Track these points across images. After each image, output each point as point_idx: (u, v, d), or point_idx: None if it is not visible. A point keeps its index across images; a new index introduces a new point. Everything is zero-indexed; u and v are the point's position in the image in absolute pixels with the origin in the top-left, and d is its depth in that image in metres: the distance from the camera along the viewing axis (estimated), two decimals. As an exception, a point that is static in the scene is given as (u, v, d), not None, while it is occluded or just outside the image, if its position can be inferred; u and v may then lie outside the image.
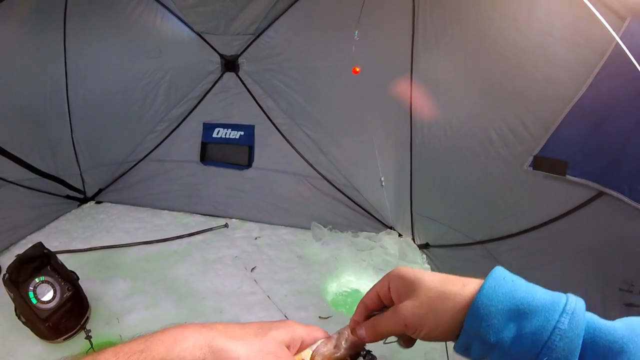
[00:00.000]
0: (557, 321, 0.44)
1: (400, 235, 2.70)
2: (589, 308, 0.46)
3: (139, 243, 2.47)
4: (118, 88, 2.72)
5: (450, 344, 0.53)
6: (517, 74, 1.68)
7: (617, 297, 1.33)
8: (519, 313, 0.46)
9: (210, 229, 2.68)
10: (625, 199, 1.26)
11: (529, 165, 1.61)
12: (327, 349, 0.57)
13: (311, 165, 2.78)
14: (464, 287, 0.50)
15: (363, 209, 2.74)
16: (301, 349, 0.56)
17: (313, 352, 0.56)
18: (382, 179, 2.47)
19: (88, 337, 1.83)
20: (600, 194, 1.39)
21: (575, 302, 0.45)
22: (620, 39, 1.19)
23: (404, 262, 2.44)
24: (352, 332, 0.59)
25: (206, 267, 2.37)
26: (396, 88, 2.33)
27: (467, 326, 0.48)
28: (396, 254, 2.53)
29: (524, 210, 1.80)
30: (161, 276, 2.26)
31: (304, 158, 2.79)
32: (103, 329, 1.91)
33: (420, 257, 2.52)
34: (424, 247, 2.54)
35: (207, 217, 2.82)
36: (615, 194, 1.30)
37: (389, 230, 2.71)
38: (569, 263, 1.58)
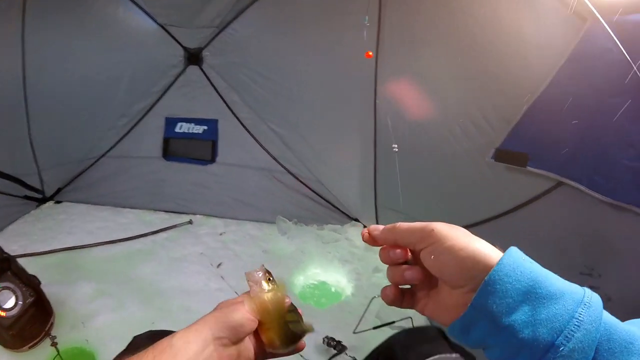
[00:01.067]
0: (576, 311, 0.42)
1: (365, 226, 2.65)
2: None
3: (102, 243, 2.44)
4: (78, 82, 2.63)
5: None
6: (482, 71, 1.75)
7: (578, 280, 1.40)
8: (536, 296, 0.43)
9: (175, 226, 2.66)
10: (584, 189, 1.33)
11: (491, 157, 1.68)
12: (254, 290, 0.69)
13: (276, 160, 2.79)
14: (492, 248, 0.48)
15: (328, 202, 2.78)
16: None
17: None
18: (395, 146, 2.37)
19: (54, 344, 1.80)
20: (559, 184, 1.47)
21: (592, 296, 0.44)
22: (580, 40, 1.26)
23: (369, 253, 2.49)
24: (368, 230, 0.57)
25: (172, 265, 2.37)
26: (361, 84, 2.36)
27: (476, 301, 0.45)
28: (361, 246, 2.58)
29: (486, 200, 1.87)
30: (126, 277, 2.24)
31: (268, 152, 2.80)
32: (69, 334, 1.88)
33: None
34: None
35: (171, 214, 2.80)
36: (574, 184, 1.38)
37: (353, 222, 2.77)
38: (530, 250, 1.62)
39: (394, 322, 1.99)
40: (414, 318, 1.97)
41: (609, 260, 1.33)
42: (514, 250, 0.47)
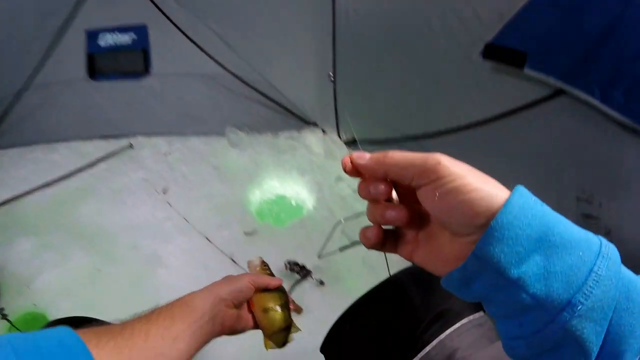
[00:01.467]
0: (594, 264, 0.36)
1: (324, 132, 2.50)
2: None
3: (36, 189, 2.22)
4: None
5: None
6: None
7: (574, 205, 1.25)
8: (550, 245, 0.37)
9: (113, 154, 2.41)
10: (596, 103, 1.12)
11: (479, 54, 1.41)
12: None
13: (219, 63, 2.44)
14: (499, 189, 0.40)
15: (282, 106, 2.49)
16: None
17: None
18: (331, 73, 2.19)
19: (3, 316, 1.68)
20: (559, 92, 1.24)
21: (609, 247, 0.38)
22: None
23: (330, 161, 2.31)
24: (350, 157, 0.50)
25: (113, 199, 2.19)
26: None
27: (480, 250, 0.38)
28: (321, 153, 2.37)
29: (467, 105, 1.63)
30: (66, 222, 2.08)
31: (209, 55, 2.44)
32: (16, 301, 1.77)
33: (347, 154, 2.36)
34: (350, 143, 2.37)
35: (109, 139, 2.52)
36: (582, 95, 1.15)
37: (312, 127, 2.51)
38: (516, 165, 1.47)
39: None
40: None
41: (612, 190, 1.15)
42: (522, 190, 0.40)
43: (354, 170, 0.49)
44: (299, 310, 1.69)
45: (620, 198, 1.13)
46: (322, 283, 1.80)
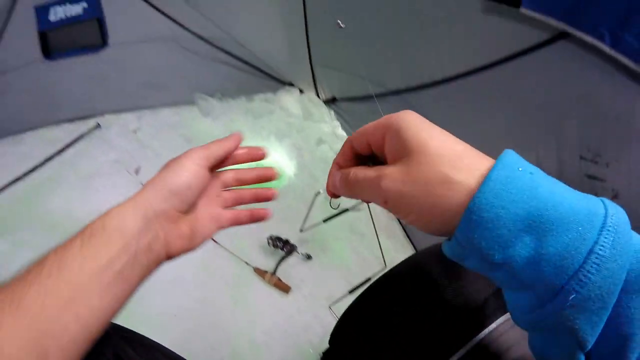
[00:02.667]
0: (596, 242, 0.31)
1: (301, 91, 2.34)
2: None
3: (7, 185, 2.11)
4: None
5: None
6: None
7: (577, 165, 1.10)
8: (542, 221, 0.32)
9: (80, 137, 2.28)
10: (605, 48, 0.94)
11: None
12: None
13: (181, 25, 2.25)
14: (473, 172, 0.36)
15: (253, 66, 2.31)
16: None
17: None
18: (339, 21, 1.99)
19: None
20: (561, 35, 1.05)
21: (616, 215, 0.32)
22: None
23: (309, 123, 2.17)
24: (329, 175, 0.52)
25: (85, 185, 2.08)
26: None
27: (460, 234, 0.35)
28: (300, 114, 2.23)
29: (454, 53, 1.45)
30: (38, 216, 1.99)
31: (169, 17, 2.24)
32: (-2, 308, 1.69)
33: (327, 114, 2.23)
34: (330, 102, 2.22)
35: (75, 122, 2.39)
36: (588, 38, 0.97)
37: (287, 87, 2.34)
38: (513, 117, 1.30)
39: (347, 210, 1.73)
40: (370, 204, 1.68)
41: (621, 148, 1.00)
42: (507, 158, 0.35)
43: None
44: (286, 288, 1.61)
45: (630, 157, 0.99)
46: (309, 257, 1.69)
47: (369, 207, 1.70)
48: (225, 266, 1.69)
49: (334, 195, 0.51)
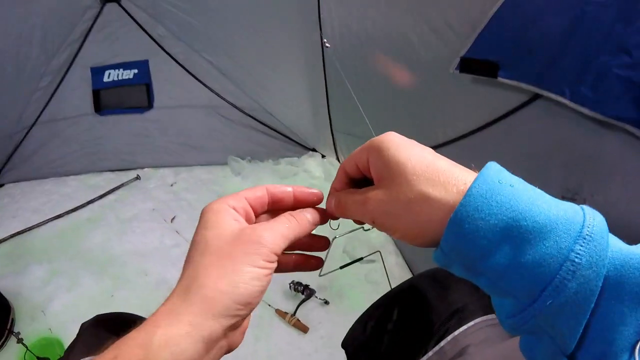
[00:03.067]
0: (572, 249, 0.32)
1: (323, 156, 2.59)
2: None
3: (48, 220, 2.30)
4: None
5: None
6: None
7: None
8: (520, 231, 0.33)
9: (121, 186, 2.51)
10: (567, 102, 1.14)
11: (455, 68, 1.44)
12: None
13: (217, 94, 2.56)
14: (450, 188, 0.37)
15: (280, 133, 2.59)
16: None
17: None
18: (325, 41, 2.11)
19: (20, 341, 1.73)
20: (536, 96, 1.27)
21: (594, 219, 0.34)
22: None
23: (329, 183, 2.34)
24: (327, 198, 0.52)
25: (122, 228, 2.25)
26: None
27: (445, 244, 0.36)
28: (321, 176, 2.46)
29: (451, 118, 1.68)
30: (77, 250, 2.15)
31: (208, 87, 2.55)
32: (31, 326, 1.82)
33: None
34: None
35: (116, 172, 2.63)
36: (554, 96, 1.18)
37: (310, 152, 2.60)
38: (505, 167, 1.46)
39: (362, 258, 1.90)
40: (382, 252, 1.87)
41: (594, 183, 1.17)
42: (488, 171, 0.37)
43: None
44: (305, 329, 1.75)
45: (603, 191, 1.14)
46: (326, 302, 1.85)
47: (382, 259, 1.86)
48: (249, 307, 1.84)
49: (333, 217, 0.52)
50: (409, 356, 0.77)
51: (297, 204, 0.52)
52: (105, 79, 2.58)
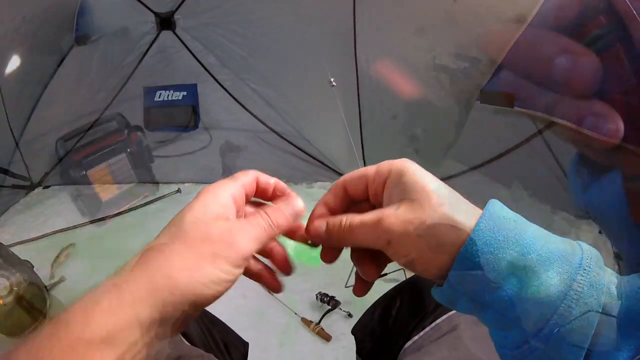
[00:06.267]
0: (574, 279, 0.34)
1: None
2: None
3: (93, 221, 2.46)
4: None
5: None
6: (464, 11, 1.62)
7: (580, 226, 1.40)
8: (525, 264, 0.35)
9: (163, 197, 2.67)
10: (573, 126, 1.25)
11: (476, 100, 1.59)
12: None
13: (259, 120, 2.74)
14: (470, 215, 0.38)
15: (315, 159, 2.73)
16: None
17: None
18: (332, 79, 2.30)
19: None
20: (550, 124, 1.38)
21: (590, 252, 0.36)
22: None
23: None
24: (311, 216, 0.50)
25: (161, 235, 2.36)
26: (339, 35, 2.26)
27: (453, 278, 0.37)
28: (352, 202, 2.54)
29: (474, 146, 1.82)
30: (119, 251, 2.24)
31: (250, 112, 2.74)
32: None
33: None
34: None
35: (159, 184, 2.79)
36: (561, 122, 1.29)
37: (342, 177, 2.71)
38: (526, 193, 1.59)
39: (386, 274, 1.98)
40: (405, 270, 1.95)
41: None
42: (493, 208, 0.39)
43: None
44: (328, 337, 1.82)
45: None
46: (350, 315, 1.90)
47: (405, 277, 1.90)
48: (277, 314, 1.92)
49: (314, 242, 0.50)
50: (408, 332, 0.84)
51: (274, 198, 0.54)
52: (156, 99, 2.81)
